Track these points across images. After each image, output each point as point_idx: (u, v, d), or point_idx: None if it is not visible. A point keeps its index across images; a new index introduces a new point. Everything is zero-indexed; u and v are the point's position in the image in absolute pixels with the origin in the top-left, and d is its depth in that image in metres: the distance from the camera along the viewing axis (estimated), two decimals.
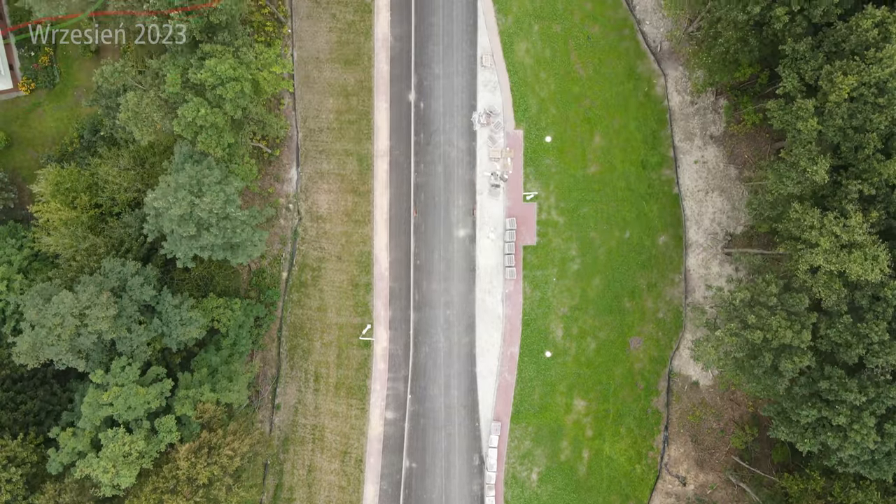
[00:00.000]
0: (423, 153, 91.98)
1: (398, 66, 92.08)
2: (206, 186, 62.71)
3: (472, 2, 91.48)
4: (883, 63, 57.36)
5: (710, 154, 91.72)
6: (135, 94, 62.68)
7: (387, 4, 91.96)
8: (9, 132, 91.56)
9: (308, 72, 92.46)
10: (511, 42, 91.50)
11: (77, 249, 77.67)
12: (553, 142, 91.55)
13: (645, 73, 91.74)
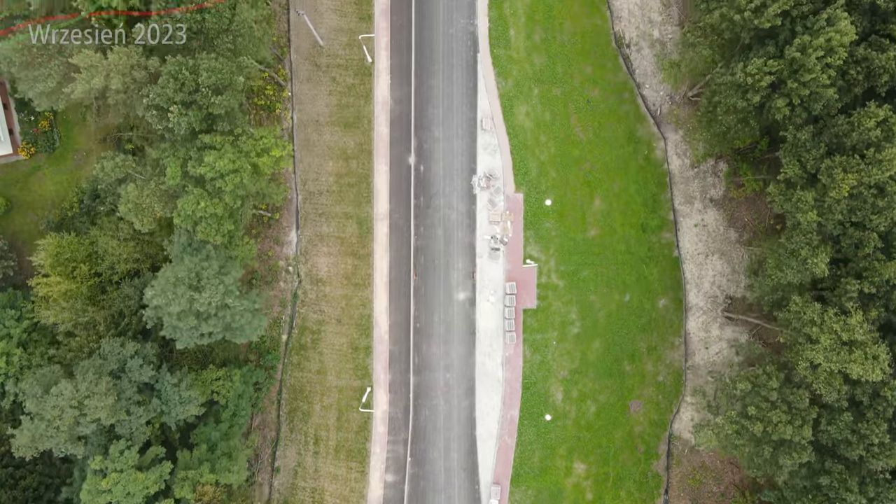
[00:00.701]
0: (422, 216, 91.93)
1: (398, 128, 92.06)
2: (204, 279, 62.68)
3: (472, 65, 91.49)
4: (883, 165, 57.34)
5: (710, 217, 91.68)
6: (135, 186, 62.61)
7: (387, 68, 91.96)
8: (8, 196, 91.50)
9: (308, 135, 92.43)
10: (511, 105, 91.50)
11: (77, 323, 77.60)
12: (553, 205, 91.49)
13: (645, 136, 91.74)
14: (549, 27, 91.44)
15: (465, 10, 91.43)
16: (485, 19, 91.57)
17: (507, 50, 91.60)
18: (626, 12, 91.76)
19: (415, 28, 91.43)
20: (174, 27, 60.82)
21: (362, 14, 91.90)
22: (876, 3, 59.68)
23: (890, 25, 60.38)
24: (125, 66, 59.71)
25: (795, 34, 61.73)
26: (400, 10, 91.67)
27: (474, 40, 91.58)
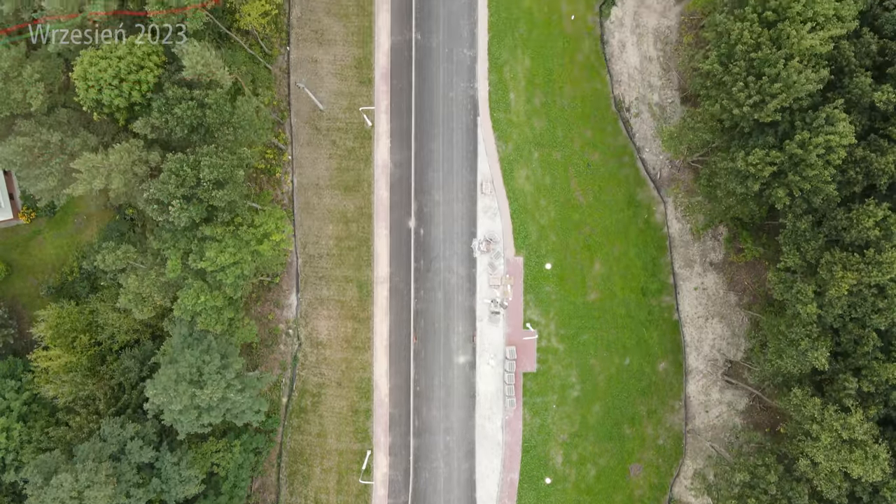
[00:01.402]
0: (423, 280, 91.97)
1: (398, 192, 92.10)
2: (206, 375, 62.78)
3: (472, 129, 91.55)
4: (883, 268, 57.41)
5: (709, 281, 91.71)
6: (136, 277, 62.65)
7: (387, 131, 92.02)
8: (9, 260, 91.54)
9: (308, 198, 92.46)
10: (511, 169, 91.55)
11: (76, 397, 77.65)
12: (553, 269, 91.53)
13: (645, 200, 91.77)
14: (550, 91, 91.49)
15: (465, 73, 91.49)
16: (485, 83, 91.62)
17: (508, 114, 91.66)
18: (625, 76, 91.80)
19: (415, 91, 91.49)
20: (174, 122, 60.84)
21: (362, 78, 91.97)
22: (874, 103, 59.78)
23: (889, 127, 60.44)
24: (126, 164, 59.77)
25: (795, 127, 61.80)
26: (400, 73, 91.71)
27: (474, 104, 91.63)
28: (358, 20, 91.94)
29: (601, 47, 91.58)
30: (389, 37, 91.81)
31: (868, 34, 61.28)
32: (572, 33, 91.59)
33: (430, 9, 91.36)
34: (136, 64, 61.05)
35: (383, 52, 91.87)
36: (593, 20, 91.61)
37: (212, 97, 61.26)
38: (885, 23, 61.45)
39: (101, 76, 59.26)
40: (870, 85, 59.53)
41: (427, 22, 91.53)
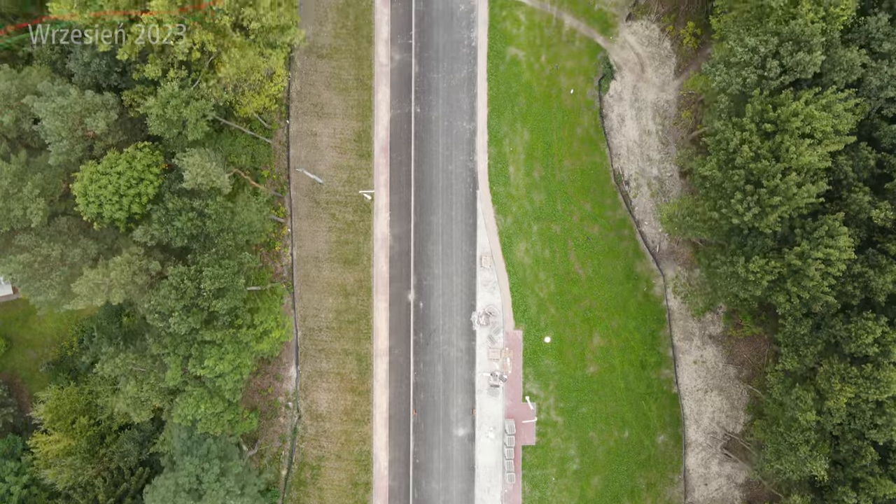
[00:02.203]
0: (422, 353, 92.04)
1: (398, 265, 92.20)
2: (206, 484, 62.87)
3: (472, 202, 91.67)
4: (881, 386, 57.57)
5: (709, 354, 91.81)
6: (135, 382, 62.77)
7: (386, 205, 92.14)
8: (8, 335, 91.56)
9: (307, 271, 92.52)
10: (510, 242, 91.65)
11: (75, 483, 77.67)
12: (552, 342, 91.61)
13: (644, 273, 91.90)
14: (549, 164, 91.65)
15: (464, 146, 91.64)
16: (484, 156, 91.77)
17: (507, 187, 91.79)
18: (624, 150, 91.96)
19: (414, 165, 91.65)
20: (175, 233, 60.95)
21: (362, 151, 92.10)
22: (872, 219, 59.98)
23: (887, 243, 60.60)
24: (127, 277, 59.92)
25: (795, 233, 61.96)
26: (399, 147, 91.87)
27: (474, 177, 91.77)
28: (357, 94, 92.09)
29: (600, 121, 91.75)
30: (389, 110, 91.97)
31: (866, 149, 61.55)
32: (571, 107, 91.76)
33: (430, 82, 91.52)
34: (136, 178, 61.23)
35: (383, 125, 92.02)
36: (592, 94, 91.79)
37: (212, 207, 61.38)
38: (883, 135, 61.68)
39: (102, 193, 59.45)
40: (868, 202, 59.79)
41: (427, 95, 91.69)
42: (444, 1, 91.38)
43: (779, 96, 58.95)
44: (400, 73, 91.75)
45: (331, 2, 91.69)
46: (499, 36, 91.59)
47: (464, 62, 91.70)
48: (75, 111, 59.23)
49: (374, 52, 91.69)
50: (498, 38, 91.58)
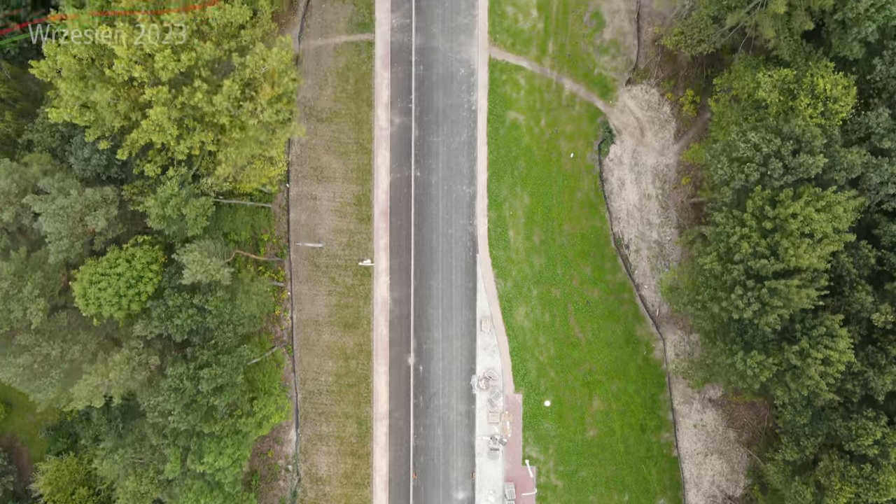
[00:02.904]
0: (422, 416, 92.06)
1: (397, 329, 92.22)
2: None
3: (472, 266, 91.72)
4: (880, 488, 57.65)
5: (708, 417, 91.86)
6: (134, 477, 62.80)
7: (386, 269, 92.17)
8: (8, 399, 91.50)
9: (307, 334, 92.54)
10: (510, 306, 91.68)
11: None
12: (552, 406, 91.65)
13: (644, 336, 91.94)
14: (549, 229, 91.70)
15: (464, 210, 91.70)
16: (484, 220, 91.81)
17: (507, 251, 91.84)
18: (624, 213, 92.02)
19: (414, 228, 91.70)
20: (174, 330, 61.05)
21: (362, 215, 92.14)
22: (872, 321, 60.07)
23: (887, 345, 60.69)
24: (126, 374, 60.01)
25: (795, 329, 62.05)
26: (399, 210, 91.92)
27: (473, 241, 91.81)
28: (357, 158, 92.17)
29: (600, 185, 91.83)
30: (389, 174, 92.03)
31: (866, 247, 61.67)
32: (571, 171, 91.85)
33: (430, 146, 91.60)
34: (136, 277, 61.33)
35: (383, 189, 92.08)
36: (592, 158, 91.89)
37: (212, 303, 61.55)
38: (883, 234, 61.75)
39: (102, 295, 59.56)
40: (870, 302, 59.90)
41: (427, 159, 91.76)
42: (444, 65, 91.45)
43: (779, 194, 59.06)
44: (400, 136, 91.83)
45: (331, 66, 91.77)
46: (499, 100, 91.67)
47: (464, 126, 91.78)
48: (75, 210, 59.38)
49: (374, 115, 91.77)
50: (498, 102, 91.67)
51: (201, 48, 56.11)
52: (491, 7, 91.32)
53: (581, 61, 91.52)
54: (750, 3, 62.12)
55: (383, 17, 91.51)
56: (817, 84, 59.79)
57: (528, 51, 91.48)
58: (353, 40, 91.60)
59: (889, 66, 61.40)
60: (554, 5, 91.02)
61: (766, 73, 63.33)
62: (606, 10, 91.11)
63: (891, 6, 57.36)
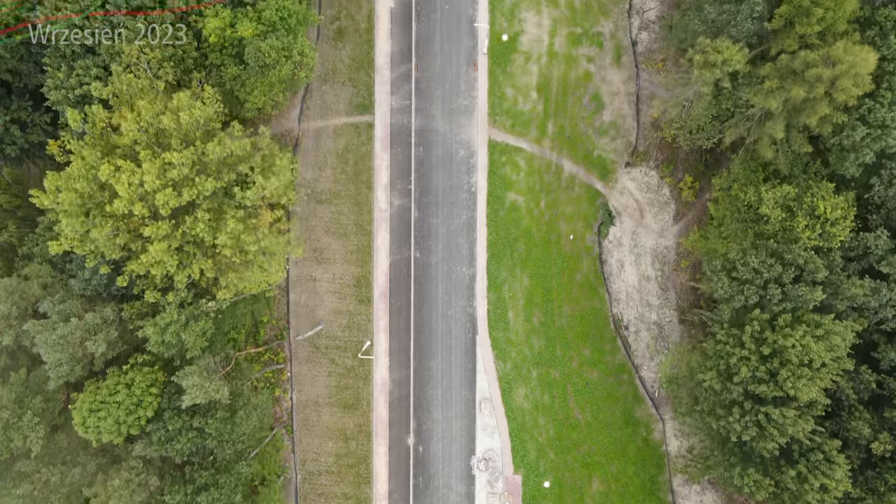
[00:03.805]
0: (421, 497, 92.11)
1: (397, 410, 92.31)
2: None
3: (471, 347, 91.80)
4: None
5: (708, 499, 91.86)
6: None
7: (385, 350, 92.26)
8: None
9: (307, 415, 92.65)
10: (510, 387, 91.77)
11: None
12: (551, 487, 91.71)
13: (643, 417, 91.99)
14: (548, 310, 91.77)
15: (464, 292, 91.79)
16: (483, 301, 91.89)
17: (506, 332, 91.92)
18: (624, 295, 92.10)
19: (414, 310, 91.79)
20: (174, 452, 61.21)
21: (361, 297, 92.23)
22: (871, 449, 60.16)
23: (886, 473, 60.77)
24: (126, 498, 60.13)
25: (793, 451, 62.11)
26: (399, 292, 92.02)
27: (473, 322, 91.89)
28: (357, 239, 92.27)
29: (600, 266, 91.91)
30: (389, 255, 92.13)
31: (866, 372, 61.74)
32: (571, 252, 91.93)
33: (430, 227, 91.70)
34: (135, 402, 61.52)
35: (382, 270, 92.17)
36: (592, 240, 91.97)
37: (212, 426, 61.70)
38: (882, 357, 61.81)
39: (101, 424, 59.76)
40: (869, 431, 59.91)
41: (426, 241, 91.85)
42: (443, 146, 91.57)
43: (777, 318, 59.16)
44: (400, 218, 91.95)
45: (330, 147, 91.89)
46: (498, 181, 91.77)
47: (463, 207, 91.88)
48: (76, 337, 59.63)
49: (373, 197, 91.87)
50: (497, 183, 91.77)
51: (202, 184, 56.30)
52: (491, 88, 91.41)
53: (581, 143, 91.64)
54: (748, 120, 62.19)
55: (383, 98, 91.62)
56: (817, 205, 59.89)
57: (527, 132, 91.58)
58: (353, 122, 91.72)
59: (887, 186, 61.49)
60: (553, 87, 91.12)
61: (769, 190, 63.31)
62: (606, 92, 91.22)
63: (886, 137, 57.51)
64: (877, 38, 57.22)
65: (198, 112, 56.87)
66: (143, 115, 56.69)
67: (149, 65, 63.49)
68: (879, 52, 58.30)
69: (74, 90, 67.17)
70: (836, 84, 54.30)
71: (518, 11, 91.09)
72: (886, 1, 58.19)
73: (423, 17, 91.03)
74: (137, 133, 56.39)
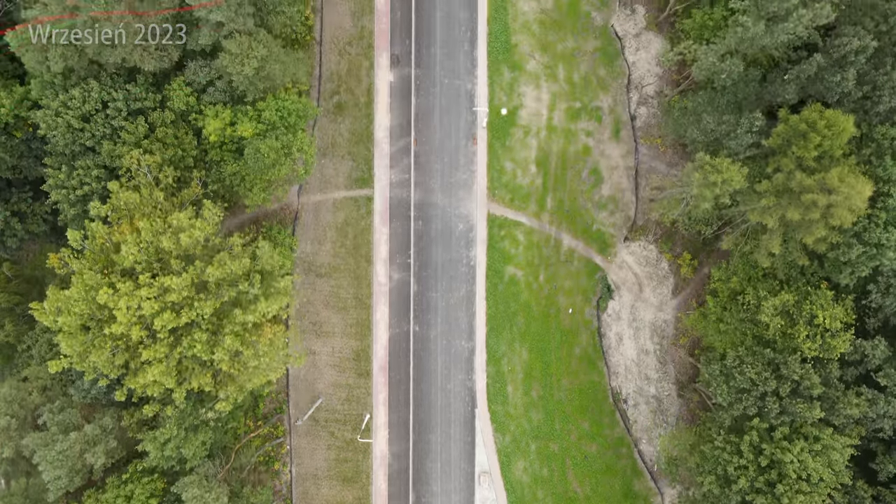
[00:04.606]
0: None
1: (396, 483, 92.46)
2: None
3: (470, 420, 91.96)
4: None
5: None
6: None
7: (385, 423, 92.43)
8: None
9: (306, 488, 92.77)
10: (509, 461, 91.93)
11: None
12: None
13: (642, 491, 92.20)
14: (547, 384, 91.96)
15: (463, 365, 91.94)
16: (483, 375, 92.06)
17: (505, 406, 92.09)
18: (622, 368, 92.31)
19: (413, 383, 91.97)
20: None
21: (360, 370, 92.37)
22: None
23: None
24: None
25: None
26: (398, 365, 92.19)
27: (472, 396, 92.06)
28: (356, 313, 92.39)
29: (598, 340, 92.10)
30: (388, 329, 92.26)
31: (863, 487, 61.98)
32: (570, 326, 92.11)
33: (429, 301, 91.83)
34: None
35: (382, 344, 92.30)
36: (591, 313, 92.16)
37: None
38: (880, 469, 62.00)
39: None
40: None
41: (425, 314, 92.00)
42: (442, 220, 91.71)
43: (776, 431, 59.41)
44: (399, 291, 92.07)
45: (330, 221, 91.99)
46: (497, 255, 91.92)
47: (462, 281, 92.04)
48: (75, 451, 59.78)
49: (372, 271, 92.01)
50: (497, 257, 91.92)
51: (201, 307, 56.51)
52: (490, 163, 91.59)
53: (579, 217, 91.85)
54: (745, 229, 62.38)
55: (382, 172, 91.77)
56: (816, 314, 60.15)
57: (526, 206, 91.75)
58: (352, 196, 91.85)
59: (884, 294, 61.71)
60: (552, 161, 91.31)
61: (767, 298, 63.52)
62: (605, 166, 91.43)
63: (881, 257, 57.77)
64: (873, 156, 57.52)
65: (198, 233, 57.01)
66: (143, 237, 56.91)
67: (149, 169, 63.66)
68: (874, 171, 58.57)
69: (76, 190, 67.33)
70: (830, 210, 54.53)
71: (517, 85, 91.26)
72: (885, 117, 58.36)
73: (422, 91, 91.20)
74: (137, 254, 56.53)
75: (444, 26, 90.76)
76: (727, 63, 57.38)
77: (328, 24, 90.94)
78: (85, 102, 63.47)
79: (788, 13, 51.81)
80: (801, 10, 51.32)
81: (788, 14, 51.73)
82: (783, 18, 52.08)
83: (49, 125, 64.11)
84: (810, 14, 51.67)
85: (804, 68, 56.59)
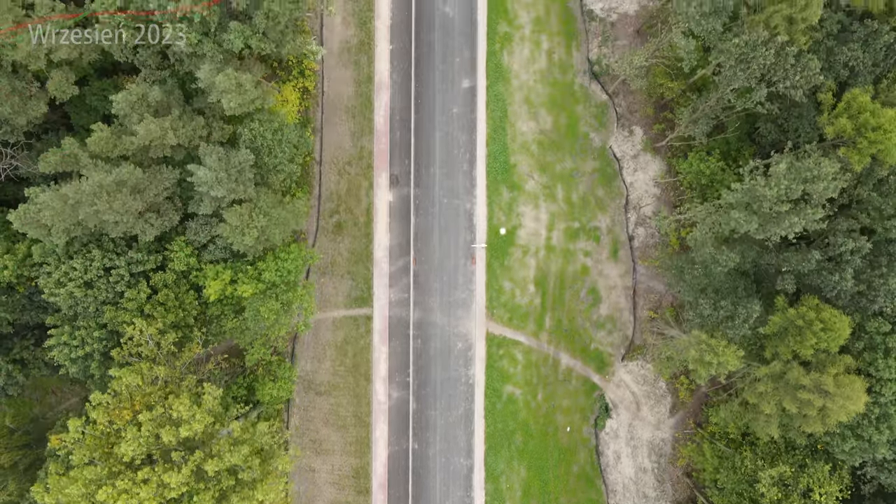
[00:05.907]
0: None
1: None
2: None
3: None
4: None
5: None
6: None
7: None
8: None
9: None
10: None
11: None
12: None
13: None
14: (545, 502, 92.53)
15: (461, 482, 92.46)
16: (481, 493, 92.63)
17: None
18: (620, 486, 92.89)
19: (412, 501, 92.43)
20: None
21: (360, 488, 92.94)
22: None
23: None
24: None
25: None
26: (397, 483, 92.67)
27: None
28: (356, 430, 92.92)
29: (596, 458, 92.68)
30: (387, 447, 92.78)
31: None
32: (568, 445, 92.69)
33: (428, 419, 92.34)
34: None
35: (381, 462, 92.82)
36: (589, 432, 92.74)
37: None
38: None
39: None
40: None
41: (424, 432, 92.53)
42: (441, 339, 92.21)
43: None
44: (398, 410, 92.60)
45: (329, 340, 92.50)
46: (496, 374, 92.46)
47: (461, 399, 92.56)
48: None
49: (372, 389, 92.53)
50: (495, 376, 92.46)
51: (199, 500, 56.98)
52: (489, 282, 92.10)
53: (578, 336, 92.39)
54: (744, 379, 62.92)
55: (381, 291, 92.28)
56: (813, 491, 60.73)
57: (525, 326, 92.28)
58: (352, 314, 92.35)
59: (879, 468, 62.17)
60: (551, 281, 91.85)
61: (764, 468, 64.11)
62: (603, 286, 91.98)
63: (873, 452, 58.35)
64: (865, 351, 58.11)
65: (197, 426, 57.55)
66: (143, 431, 57.48)
67: (150, 337, 64.22)
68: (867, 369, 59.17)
69: (77, 349, 67.83)
70: (826, 410, 55.17)
71: (516, 205, 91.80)
72: (880, 308, 58.86)
73: (421, 211, 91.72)
74: (138, 448, 57.08)
75: (444, 146, 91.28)
76: (723, 256, 57.94)
77: (328, 144, 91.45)
78: (87, 272, 64.09)
79: (781, 218, 52.40)
80: (794, 219, 51.91)
81: (780, 220, 52.35)
82: (776, 223, 52.72)
83: (51, 292, 64.72)
84: (802, 222, 52.27)
85: (803, 264, 57.21)
